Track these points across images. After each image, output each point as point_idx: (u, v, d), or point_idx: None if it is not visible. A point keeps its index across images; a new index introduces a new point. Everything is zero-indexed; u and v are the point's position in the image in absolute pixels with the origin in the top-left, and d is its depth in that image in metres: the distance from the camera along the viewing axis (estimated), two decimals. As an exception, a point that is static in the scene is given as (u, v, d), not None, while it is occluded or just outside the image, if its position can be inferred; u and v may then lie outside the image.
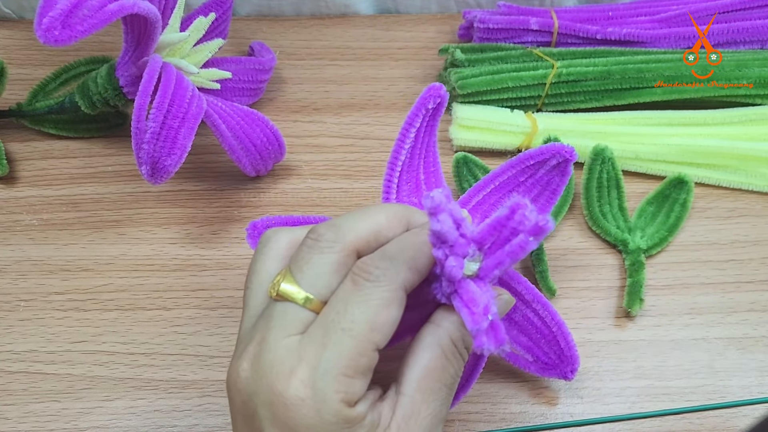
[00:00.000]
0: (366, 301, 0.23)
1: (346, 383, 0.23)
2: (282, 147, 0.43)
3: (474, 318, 0.22)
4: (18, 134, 0.46)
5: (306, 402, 0.23)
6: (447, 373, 0.25)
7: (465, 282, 0.23)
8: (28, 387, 0.36)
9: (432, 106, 0.34)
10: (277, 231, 0.27)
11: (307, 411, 0.23)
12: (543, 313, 0.33)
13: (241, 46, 0.51)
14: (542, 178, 0.34)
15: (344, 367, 0.23)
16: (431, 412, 0.24)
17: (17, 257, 0.41)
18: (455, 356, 0.25)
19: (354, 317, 0.23)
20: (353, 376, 0.23)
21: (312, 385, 0.23)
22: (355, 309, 0.23)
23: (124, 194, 0.44)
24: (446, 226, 0.22)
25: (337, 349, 0.23)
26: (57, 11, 0.32)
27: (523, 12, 0.48)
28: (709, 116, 0.45)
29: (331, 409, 0.23)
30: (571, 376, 0.34)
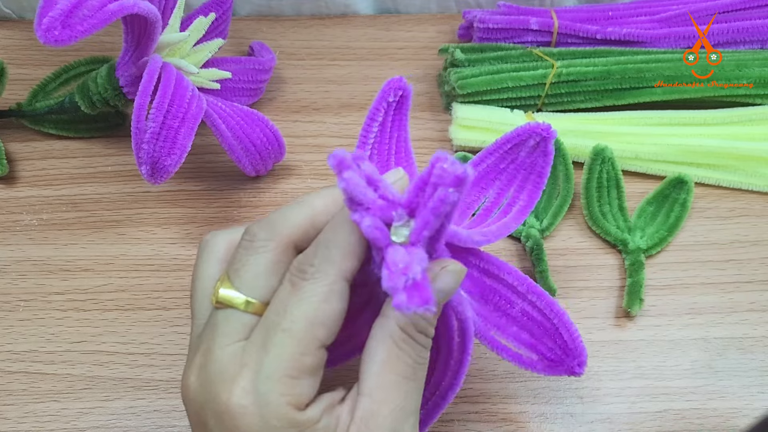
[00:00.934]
0: (304, 299, 0.23)
1: (291, 385, 0.22)
2: (282, 147, 0.43)
3: (390, 276, 0.20)
4: (18, 134, 0.46)
5: (249, 409, 0.22)
6: (403, 363, 0.24)
7: (393, 248, 0.22)
8: (28, 387, 0.36)
9: (392, 99, 0.32)
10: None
11: (251, 419, 0.22)
12: (540, 305, 0.31)
13: (241, 46, 0.51)
14: (524, 161, 0.32)
15: (287, 368, 0.22)
16: (394, 407, 0.23)
17: (17, 257, 0.41)
18: (408, 344, 0.24)
19: (294, 317, 0.22)
20: (298, 377, 0.22)
21: (254, 391, 0.22)
22: (294, 309, 0.23)
23: (124, 194, 0.44)
24: (352, 183, 0.21)
25: (279, 351, 0.22)
26: (57, 11, 0.32)
27: (523, 12, 0.48)
28: (709, 116, 0.45)
29: (276, 413, 0.22)
30: (580, 370, 0.31)
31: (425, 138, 0.46)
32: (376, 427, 0.23)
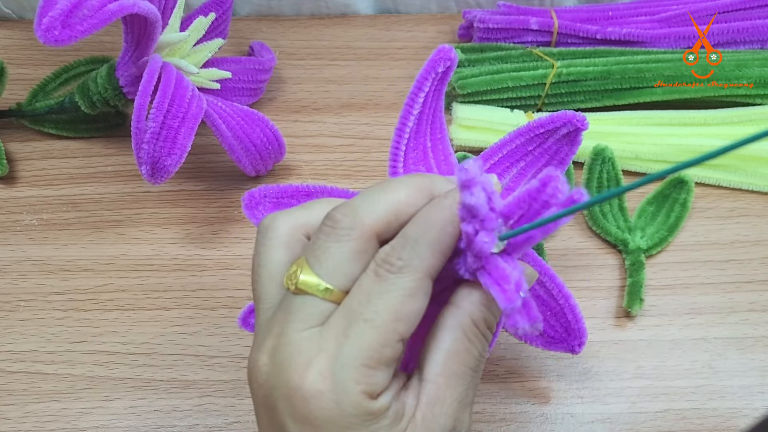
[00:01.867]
0: (390, 292, 0.22)
1: (368, 374, 0.22)
2: (282, 147, 0.43)
3: (507, 296, 0.21)
4: (18, 134, 0.46)
5: (325, 394, 0.22)
6: (471, 355, 0.24)
7: (493, 258, 0.22)
8: (28, 387, 0.36)
9: (442, 69, 0.32)
10: (275, 218, 0.26)
11: (326, 403, 0.22)
12: (549, 285, 0.32)
13: (241, 46, 0.51)
14: (551, 147, 0.32)
15: (366, 358, 0.22)
16: (457, 397, 0.23)
17: (17, 257, 0.41)
18: (478, 338, 0.24)
19: (377, 308, 0.22)
20: (375, 367, 0.22)
21: (331, 376, 0.22)
22: (378, 300, 0.22)
23: (124, 194, 0.44)
24: (480, 200, 0.21)
25: (359, 340, 0.22)
26: (57, 11, 0.32)
27: (523, 12, 0.48)
28: (709, 116, 0.45)
29: (351, 401, 0.22)
30: (579, 349, 0.32)
31: (425, 138, 0.47)
32: (440, 414, 0.23)
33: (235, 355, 0.37)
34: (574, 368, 0.37)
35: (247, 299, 0.39)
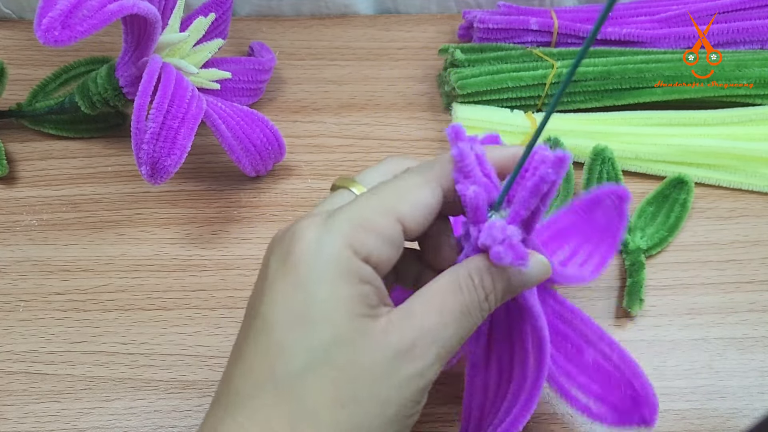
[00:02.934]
0: (399, 180, 0.24)
1: (356, 232, 0.23)
2: (282, 147, 0.43)
3: (489, 234, 0.22)
4: (18, 134, 0.46)
5: (311, 235, 0.23)
6: (456, 299, 0.23)
7: (491, 221, 0.24)
8: (28, 387, 0.36)
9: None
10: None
11: (308, 243, 0.22)
12: (611, 354, 0.30)
13: (241, 46, 0.51)
14: (600, 221, 0.33)
15: (360, 218, 0.23)
16: (427, 326, 0.23)
17: (17, 257, 0.41)
18: (468, 288, 0.24)
19: (384, 188, 0.24)
20: (366, 230, 0.23)
21: (323, 224, 0.23)
22: (388, 185, 0.24)
23: (124, 194, 0.44)
24: (464, 153, 0.23)
25: (359, 205, 0.23)
26: (57, 11, 0.32)
27: (523, 12, 0.48)
28: (709, 116, 0.45)
29: (332, 245, 0.22)
30: (651, 419, 0.29)
31: (425, 138, 0.47)
32: (407, 327, 0.23)
33: (235, 355, 0.37)
34: (574, 368, 0.37)
35: (247, 299, 0.39)
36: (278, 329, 0.22)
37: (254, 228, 0.42)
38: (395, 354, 0.22)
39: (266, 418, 0.21)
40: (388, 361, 0.22)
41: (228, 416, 0.22)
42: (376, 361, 0.22)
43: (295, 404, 0.21)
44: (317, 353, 0.22)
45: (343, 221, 0.23)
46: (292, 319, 0.22)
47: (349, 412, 0.21)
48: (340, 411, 0.21)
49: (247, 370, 0.23)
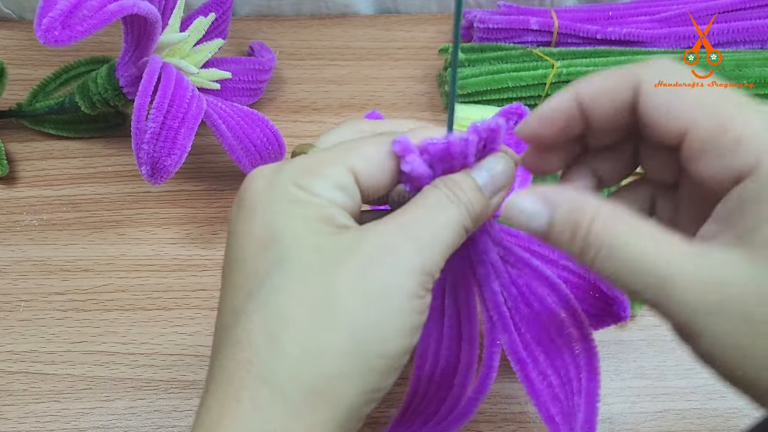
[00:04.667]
0: (360, 139, 0.24)
1: (303, 175, 0.22)
2: (282, 147, 0.43)
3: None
4: (18, 134, 0.46)
5: (261, 178, 0.23)
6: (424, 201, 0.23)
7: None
8: (28, 387, 0.36)
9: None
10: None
11: (259, 185, 0.23)
12: (574, 267, 0.30)
13: (241, 46, 0.51)
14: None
15: (308, 165, 0.23)
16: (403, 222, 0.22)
17: (17, 257, 0.41)
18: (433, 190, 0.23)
19: (340, 145, 0.24)
20: (314, 174, 0.22)
21: (272, 170, 0.23)
22: (345, 142, 0.24)
23: (124, 194, 0.44)
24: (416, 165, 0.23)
25: (309, 156, 0.24)
26: (57, 11, 0.32)
27: (523, 12, 0.48)
28: (709, 116, 0.45)
29: (282, 185, 0.22)
30: (625, 314, 0.30)
31: (425, 138, 0.46)
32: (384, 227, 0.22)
33: (235, 355, 0.37)
34: (574, 368, 0.37)
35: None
36: (248, 259, 0.22)
37: (254, 228, 0.42)
38: (371, 254, 0.21)
39: (247, 337, 0.21)
40: (356, 272, 0.21)
41: (217, 354, 0.22)
42: (346, 271, 0.21)
43: (272, 317, 0.21)
44: (287, 266, 0.21)
45: (290, 166, 0.23)
46: (257, 246, 0.22)
47: (322, 318, 0.20)
48: (318, 318, 0.21)
49: (226, 307, 0.23)
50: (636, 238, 0.21)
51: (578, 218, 0.21)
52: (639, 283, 0.20)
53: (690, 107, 0.21)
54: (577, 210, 0.21)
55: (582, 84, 0.23)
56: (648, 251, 0.20)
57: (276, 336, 0.20)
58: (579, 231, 0.21)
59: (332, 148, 0.24)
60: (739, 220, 0.20)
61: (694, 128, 0.21)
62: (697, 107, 0.21)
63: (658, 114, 0.22)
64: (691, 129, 0.21)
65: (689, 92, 0.21)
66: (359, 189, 0.23)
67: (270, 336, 0.20)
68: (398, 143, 0.23)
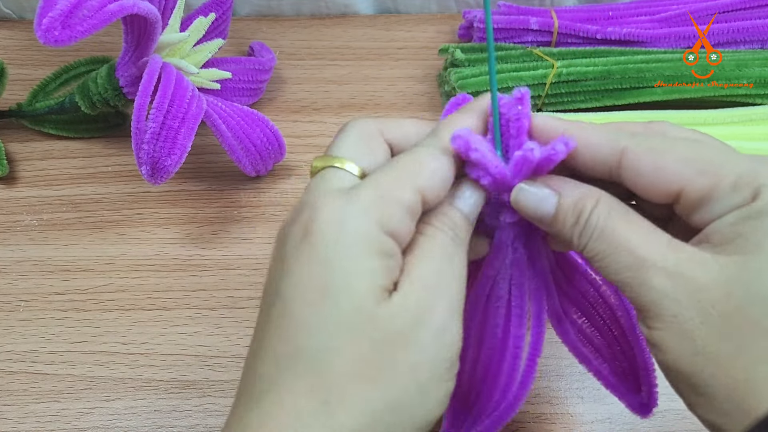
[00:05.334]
0: (415, 152, 0.24)
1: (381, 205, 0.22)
2: (282, 147, 0.43)
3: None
4: (18, 134, 0.46)
5: (332, 207, 0.22)
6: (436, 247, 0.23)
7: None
8: (28, 387, 0.36)
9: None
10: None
11: (330, 218, 0.22)
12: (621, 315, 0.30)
13: (241, 46, 0.51)
14: None
15: (383, 190, 0.22)
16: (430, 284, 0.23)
17: (17, 257, 0.41)
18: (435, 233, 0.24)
19: (403, 160, 0.23)
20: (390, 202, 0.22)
21: (344, 196, 0.22)
22: (405, 158, 0.23)
23: (124, 194, 0.44)
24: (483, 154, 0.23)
25: (379, 177, 0.23)
26: (57, 11, 0.32)
27: (523, 12, 0.48)
28: (709, 116, 0.45)
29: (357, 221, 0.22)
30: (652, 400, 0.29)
31: (425, 138, 0.47)
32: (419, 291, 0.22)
33: (235, 355, 0.37)
34: (574, 368, 0.37)
35: (247, 299, 0.40)
36: (299, 306, 0.21)
37: (254, 228, 0.42)
38: (414, 317, 0.22)
39: (294, 400, 0.20)
40: (409, 326, 0.21)
41: (254, 405, 0.21)
42: (397, 327, 0.21)
43: (322, 381, 0.21)
44: (340, 326, 0.21)
45: (366, 195, 0.22)
46: (313, 295, 0.21)
47: (378, 385, 0.21)
48: (370, 386, 0.21)
49: (269, 355, 0.22)
50: (626, 225, 0.22)
51: (584, 204, 0.23)
52: (619, 262, 0.22)
53: (680, 168, 0.22)
54: (583, 197, 0.23)
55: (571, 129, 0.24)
56: (633, 237, 0.22)
57: (329, 407, 0.20)
58: (582, 216, 0.23)
59: (395, 167, 0.23)
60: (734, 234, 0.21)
61: (689, 186, 0.22)
62: (686, 167, 0.22)
63: (648, 181, 0.23)
64: (687, 188, 0.22)
65: (673, 153, 0.22)
66: (423, 205, 0.23)
67: (322, 406, 0.20)
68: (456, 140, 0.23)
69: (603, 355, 0.30)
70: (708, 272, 0.21)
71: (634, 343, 0.29)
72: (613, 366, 0.30)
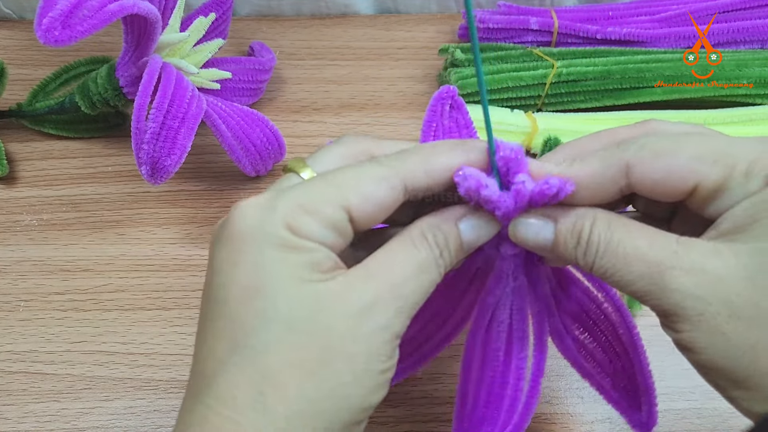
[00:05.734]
0: (359, 167, 0.23)
1: (296, 214, 0.22)
2: (282, 147, 0.43)
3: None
4: (18, 134, 0.46)
5: (251, 211, 0.22)
6: (412, 255, 0.23)
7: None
8: (28, 387, 0.36)
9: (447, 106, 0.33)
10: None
11: (248, 221, 0.22)
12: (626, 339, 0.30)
13: (241, 46, 0.51)
14: None
15: (302, 200, 0.22)
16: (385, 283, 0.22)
17: (17, 257, 0.41)
18: (423, 245, 0.23)
19: (338, 174, 0.23)
20: (307, 212, 0.22)
21: (265, 201, 0.23)
22: (343, 171, 0.23)
23: (124, 194, 0.44)
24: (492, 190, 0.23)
25: (305, 186, 0.23)
26: (57, 11, 0.32)
27: (523, 12, 0.48)
28: (710, 116, 0.45)
29: (271, 226, 0.22)
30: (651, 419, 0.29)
31: (425, 138, 0.47)
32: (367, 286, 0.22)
33: (235, 355, 0.37)
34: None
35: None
36: (232, 305, 0.22)
37: (254, 228, 0.42)
38: (357, 311, 0.22)
39: (231, 393, 0.21)
40: (350, 318, 0.22)
41: (197, 402, 0.22)
42: (337, 320, 0.21)
43: (259, 376, 0.21)
44: (275, 323, 0.21)
45: (284, 202, 0.22)
46: (243, 294, 0.22)
47: (313, 375, 0.21)
48: (304, 375, 0.21)
49: (208, 352, 0.22)
50: (629, 234, 0.22)
51: (582, 224, 0.23)
52: (632, 273, 0.22)
53: (694, 164, 0.22)
54: (579, 218, 0.23)
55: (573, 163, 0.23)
56: (641, 244, 0.22)
57: (265, 396, 0.21)
58: (583, 236, 0.23)
59: (328, 180, 0.23)
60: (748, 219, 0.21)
61: (704, 180, 0.22)
62: (699, 162, 0.22)
63: (661, 184, 0.22)
64: (702, 182, 0.22)
65: (683, 151, 0.22)
66: (351, 225, 0.23)
67: (258, 396, 0.21)
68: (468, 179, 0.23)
69: (605, 370, 0.30)
70: (726, 263, 0.21)
71: (635, 361, 0.29)
72: (615, 382, 0.30)
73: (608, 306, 0.29)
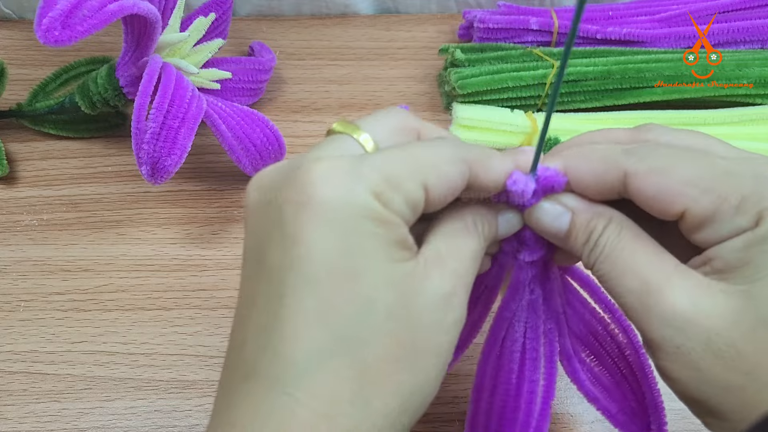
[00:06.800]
0: (435, 146, 0.22)
1: (385, 188, 0.20)
2: (282, 147, 0.43)
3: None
4: (18, 134, 0.46)
5: (337, 178, 0.20)
6: (471, 243, 0.23)
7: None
8: (28, 387, 0.36)
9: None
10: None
11: (336, 189, 0.20)
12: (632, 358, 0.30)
13: (241, 46, 0.51)
14: None
15: (390, 173, 0.21)
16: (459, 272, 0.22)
17: (17, 257, 0.41)
18: (476, 231, 0.23)
19: (418, 149, 0.22)
20: (394, 188, 0.21)
21: (350, 168, 0.20)
22: (422, 147, 0.22)
23: (124, 194, 0.44)
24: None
25: (389, 158, 0.21)
26: (57, 12, 0.32)
27: (523, 12, 0.48)
28: (709, 116, 0.45)
29: (363, 198, 0.20)
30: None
31: (425, 138, 0.47)
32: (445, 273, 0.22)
33: (235, 355, 0.37)
34: (574, 368, 0.37)
35: (247, 299, 0.40)
36: (325, 285, 0.20)
37: (254, 228, 0.42)
38: (441, 299, 0.21)
39: (329, 387, 0.19)
40: (437, 307, 0.21)
41: (279, 392, 0.20)
42: (426, 307, 0.21)
43: (359, 369, 0.20)
44: (375, 312, 0.20)
45: (370, 171, 0.20)
46: (337, 273, 0.20)
47: (411, 368, 0.20)
48: (402, 369, 0.20)
49: (293, 335, 0.20)
50: (634, 247, 0.22)
51: (595, 224, 0.23)
52: (623, 285, 0.22)
53: (685, 188, 0.22)
54: (596, 216, 0.23)
55: (571, 162, 0.24)
56: (640, 260, 0.22)
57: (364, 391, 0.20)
58: (593, 235, 0.23)
59: (408, 154, 0.21)
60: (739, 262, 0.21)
61: (693, 207, 0.21)
62: (690, 186, 0.22)
63: (652, 201, 0.22)
64: (690, 209, 0.22)
65: (676, 172, 0.22)
66: (424, 205, 0.22)
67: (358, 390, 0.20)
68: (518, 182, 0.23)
69: (612, 394, 0.30)
70: (714, 301, 0.21)
71: (643, 381, 0.29)
72: (622, 405, 0.30)
73: (615, 327, 0.29)
